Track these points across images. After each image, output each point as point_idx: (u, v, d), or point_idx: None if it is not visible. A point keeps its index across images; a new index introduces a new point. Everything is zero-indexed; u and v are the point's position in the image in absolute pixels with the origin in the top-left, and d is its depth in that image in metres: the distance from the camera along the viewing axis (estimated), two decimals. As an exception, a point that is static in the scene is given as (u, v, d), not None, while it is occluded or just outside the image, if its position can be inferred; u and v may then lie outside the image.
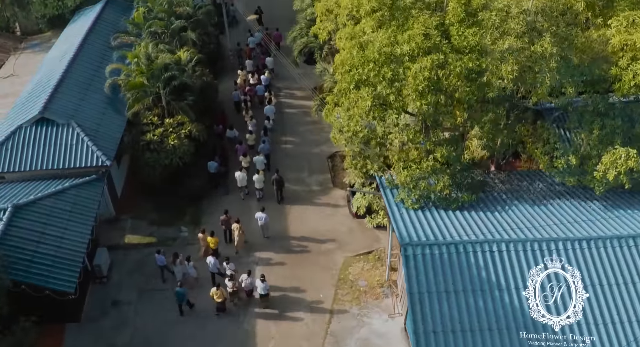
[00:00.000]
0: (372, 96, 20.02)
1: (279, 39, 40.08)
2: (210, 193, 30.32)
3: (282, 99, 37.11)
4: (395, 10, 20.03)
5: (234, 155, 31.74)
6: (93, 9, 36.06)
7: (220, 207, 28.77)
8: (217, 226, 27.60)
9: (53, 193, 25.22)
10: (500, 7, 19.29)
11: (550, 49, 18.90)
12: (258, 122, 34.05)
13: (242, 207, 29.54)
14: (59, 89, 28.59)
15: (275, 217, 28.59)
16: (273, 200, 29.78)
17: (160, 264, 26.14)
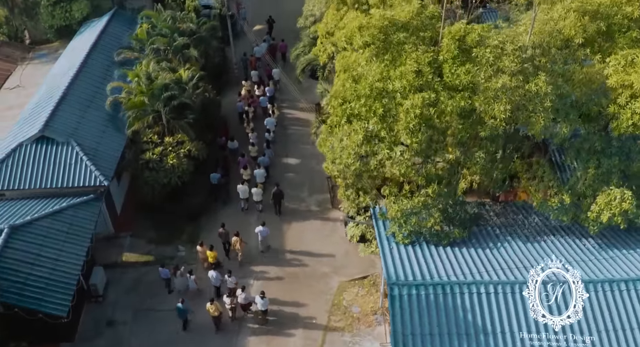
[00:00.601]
0: (364, 130, 19.90)
1: (285, 49, 40.14)
2: (210, 207, 30.46)
3: (286, 112, 36.99)
4: (388, 44, 19.78)
5: (236, 167, 31.96)
6: (100, 21, 36.21)
7: (220, 221, 28.80)
8: (216, 240, 27.71)
9: (50, 214, 25.37)
10: (495, 44, 18.96)
11: (545, 88, 18.55)
12: (259, 134, 34.20)
13: (242, 219, 29.77)
14: (60, 106, 28.76)
15: (273, 232, 28.69)
16: (272, 213, 30.01)
17: (164, 277, 26.60)
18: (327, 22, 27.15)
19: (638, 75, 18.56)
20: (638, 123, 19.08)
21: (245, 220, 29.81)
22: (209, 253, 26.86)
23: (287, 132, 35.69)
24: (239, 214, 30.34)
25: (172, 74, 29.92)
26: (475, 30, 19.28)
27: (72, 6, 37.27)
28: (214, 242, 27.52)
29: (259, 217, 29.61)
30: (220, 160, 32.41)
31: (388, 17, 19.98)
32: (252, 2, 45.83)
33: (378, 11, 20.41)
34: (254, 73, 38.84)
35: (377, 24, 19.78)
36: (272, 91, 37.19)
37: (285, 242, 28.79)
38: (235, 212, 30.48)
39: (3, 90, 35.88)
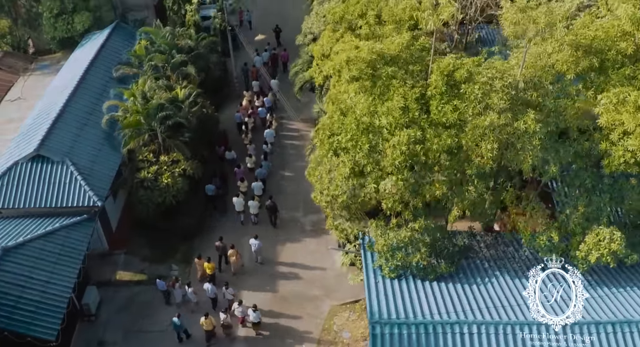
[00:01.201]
0: (352, 163, 19.74)
1: (286, 59, 40.15)
2: (205, 223, 30.66)
3: (285, 125, 36.92)
4: (376, 78, 19.58)
5: (234, 178, 32.17)
6: (101, 33, 36.23)
7: (216, 233, 29.41)
8: (213, 252, 28.07)
9: (42, 235, 25.48)
10: (483, 80, 18.68)
11: (534, 126, 18.27)
12: (257, 146, 34.35)
13: (238, 231, 30.11)
14: (57, 124, 28.82)
15: (267, 246, 29.08)
16: (268, 225, 30.38)
17: (161, 289, 26.95)
18: (323, 44, 26.91)
19: (629, 115, 18.24)
20: (630, 161, 18.76)
21: (241, 232, 30.13)
22: (206, 265, 27.29)
23: (285, 148, 35.64)
24: (235, 226, 30.62)
25: (169, 93, 29.90)
26: (464, 66, 19.02)
27: (74, 18, 37.30)
28: (211, 254, 27.86)
29: (251, 229, 29.90)
30: (218, 171, 32.63)
31: (377, 50, 19.78)
32: (257, 9, 45.72)
33: (367, 44, 20.18)
34: (255, 83, 38.99)
35: (365, 57, 19.60)
36: (270, 102, 37.26)
37: (279, 257, 29.08)
38: (231, 223, 30.82)
39: (4, 102, 36.04)
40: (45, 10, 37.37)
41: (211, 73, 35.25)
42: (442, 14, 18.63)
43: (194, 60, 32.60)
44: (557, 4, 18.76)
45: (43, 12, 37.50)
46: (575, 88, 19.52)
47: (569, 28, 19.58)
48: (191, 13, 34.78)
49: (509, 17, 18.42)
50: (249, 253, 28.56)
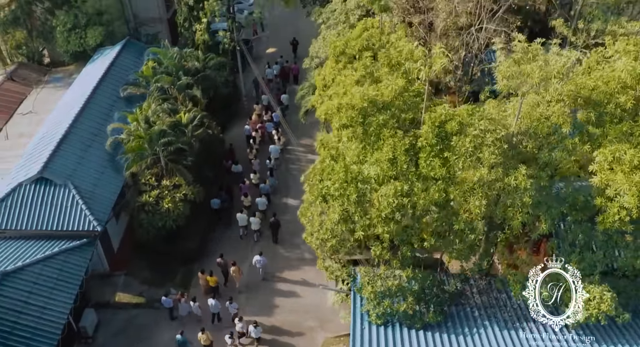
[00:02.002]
0: (341, 210, 19.59)
1: (297, 72, 40.28)
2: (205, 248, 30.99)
3: (292, 143, 37.03)
4: (367, 126, 19.35)
5: (239, 192, 32.74)
6: (112, 49, 36.43)
7: (220, 248, 30.33)
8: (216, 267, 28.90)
9: (42, 259, 25.78)
10: (475, 133, 18.32)
11: (525, 183, 17.90)
12: (262, 161, 34.92)
13: (241, 245, 31.13)
14: (61, 146, 29.07)
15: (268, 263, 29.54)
16: (270, 240, 31.17)
17: (167, 306, 27.68)
18: (325, 74, 26.72)
19: (624, 175, 17.76)
20: (625, 219, 18.27)
21: (243, 246, 31.14)
22: (209, 278, 28.02)
23: (292, 163, 35.78)
24: (238, 241, 31.43)
25: (173, 116, 30.01)
26: (455, 118, 18.67)
27: (87, 33, 37.56)
28: (214, 268, 28.82)
29: (254, 245, 30.85)
30: (225, 185, 33.22)
31: (369, 96, 19.53)
32: (270, 22, 45.69)
33: (360, 89, 19.94)
34: (265, 97, 39.25)
35: (357, 104, 19.36)
36: (278, 117, 37.48)
37: (280, 274, 29.72)
38: (235, 237, 31.57)
39: (16, 115, 36.50)
40: (58, 24, 37.72)
41: (219, 91, 35.28)
42: (434, 66, 18.28)
43: (201, 81, 32.65)
44: (554, 57, 18.26)
45: (57, 26, 37.81)
46: (571, 141, 19.03)
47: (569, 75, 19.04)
48: (200, 32, 34.75)
49: (502, 71, 18.01)
50: (252, 268, 29.36)
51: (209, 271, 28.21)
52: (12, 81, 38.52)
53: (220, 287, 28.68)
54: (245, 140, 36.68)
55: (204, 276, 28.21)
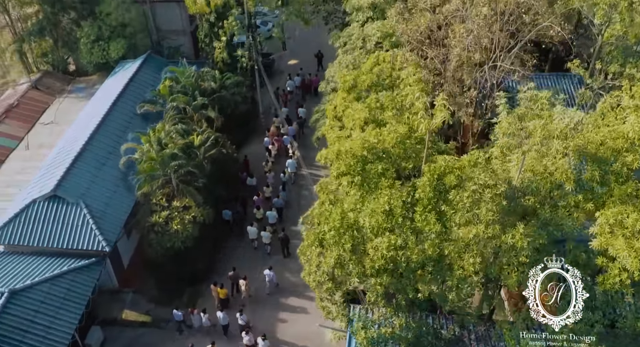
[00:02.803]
0: (336, 256, 19.54)
1: (317, 84, 40.39)
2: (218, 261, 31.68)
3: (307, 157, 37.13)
4: (366, 174, 19.21)
5: (252, 204, 33.38)
6: (133, 63, 36.91)
7: (231, 259, 31.28)
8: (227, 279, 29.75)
9: (50, 278, 26.29)
10: (474, 188, 18.02)
11: (522, 242, 17.56)
12: (277, 175, 35.45)
13: (252, 257, 31.78)
14: (76, 164, 29.66)
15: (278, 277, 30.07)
16: (280, 254, 31.77)
17: (177, 319, 28.33)
18: (337, 105, 26.61)
19: (624, 240, 17.28)
20: (626, 282, 17.82)
21: (254, 258, 31.78)
22: (220, 291, 28.76)
23: (306, 178, 35.86)
24: (250, 252, 32.01)
25: (186, 138, 30.26)
26: (455, 172, 18.40)
27: (110, 45, 38.07)
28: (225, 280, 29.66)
29: (265, 258, 31.46)
30: (240, 196, 33.83)
31: (370, 144, 19.39)
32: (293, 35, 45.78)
33: (361, 135, 19.79)
34: (284, 110, 39.54)
35: (356, 152, 19.24)
36: (294, 131, 38.00)
37: (288, 288, 30.17)
38: (246, 249, 32.14)
39: (38, 124, 37.25)
40: (82, 35, 38.27)
41: (237, 108, 35.46)
42: (435, 119, 18.03)
43: (218, 101, 32.87)
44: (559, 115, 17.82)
45: (81, 37, 38.36)
46: (574, 198, 18.59)
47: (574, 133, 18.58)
48: (219, 50, 34.89)
49: (503, 128, 17.67)
50: (261, 281, 29.97)
51: (220, 284, 28.90)
52: (36, 90, 39.30)
53: (230, 299, 29.39)
54: (265, 152, 37.25)
55: (215, 287, 28.87)
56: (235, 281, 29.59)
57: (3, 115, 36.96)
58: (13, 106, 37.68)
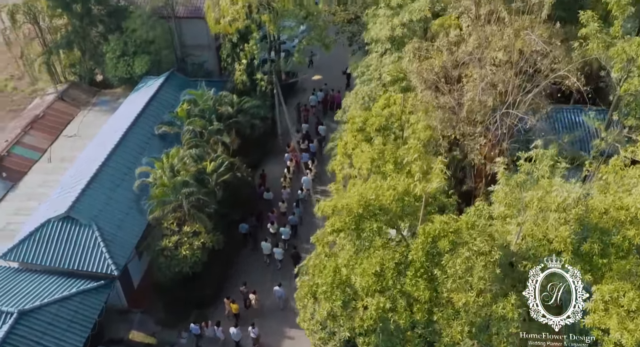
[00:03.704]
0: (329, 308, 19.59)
1: (340, 100, 40.44)
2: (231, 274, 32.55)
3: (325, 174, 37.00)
4: (361, 231, 19.12)
5: (268, 219, 34.08)
6: (155, 81, 37.37)
7: (244, 272, 32.28)
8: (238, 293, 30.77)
9: (59, 299, 26.86)
10: (467, 255, 17.77)
11: (512, 313, 17.28)
12: (292, 191, 36.01)
13: (263, 272, 32.63)
14: (92, 184, 30.22)
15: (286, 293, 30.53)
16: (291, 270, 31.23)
17: (195, 333, 29.24)
18: (347, 142, 26.57)
19: (618, 319, 16.85)
20: (622, 357, 17.41)
21: (266, 272, 32.70)
22: (232, 305, 29.78)
23: (324, 195, 35.96)
24: (262, 266, 32.91)
25: (200, 163, 30.57)
26: (449, 235, 18.14)
27: (135, 61, 38.60)
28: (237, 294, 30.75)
29: (276, 273, 32.30)
30: (256, 211, 34.56)
31: (367, 200, 19.24)
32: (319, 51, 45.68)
33: (358, 190, 19.68)
34: (305, 126, 39.91)
35: (353, 208, 19.13)
36: (315, 148, 38.46)
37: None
38: (259, 263, 32.97)
39: (61, 137, 38.06)
40: (108, 50, 38.88)
41: (254, 131, 35.67)
42: (432, 184, 17.82)
43: (235, 125, 33.15)
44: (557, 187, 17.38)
45: (106, 52, 38.98)
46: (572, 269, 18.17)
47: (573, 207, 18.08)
48: (240, 72, 35.08)
49: (499, 197, 17.38)
50: (271, 296, 30.80)
51: (232, 299, 29.81)
52: (62, 101, 40.14)
53: (241, 313, 30.12)
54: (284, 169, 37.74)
55: (228, 301, 29.84)
56: (246, 296, 30.34)
57: (29, 127, 37.88)
58: (39, 117, 38.58)
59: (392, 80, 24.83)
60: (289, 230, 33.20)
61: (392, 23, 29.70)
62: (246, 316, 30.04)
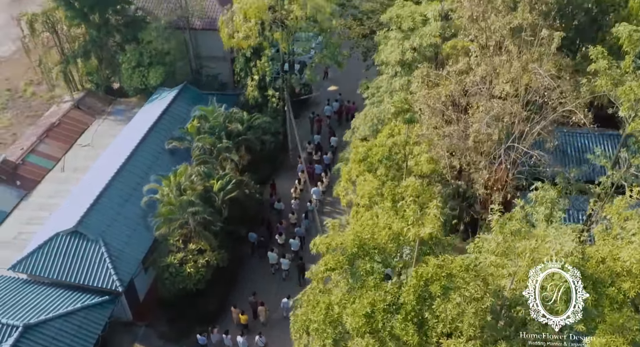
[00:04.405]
0: (320, 345, 19.70)
1: (354, 111, 40.49)
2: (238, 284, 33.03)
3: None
4: (354, 270, 19.15)
5: (277, 230, 34.74)
6: (169, 93, 37.71)
7: (252, 281, 32.81)
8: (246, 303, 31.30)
9: (63, 314, 27.35)
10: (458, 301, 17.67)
11: (502, 362, 17.23)
12: (302, 203, 36.30)
13: (270, 281, 33.13)
14: (101, 199, 30.67)
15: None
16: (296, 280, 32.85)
17: (201, 343, 29.72)
18: (351, 170, 26.59)
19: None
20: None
21: (272, 283, 33.11)
22: (241, 316, 30.31)
23: (333, 205, 36.30)
24: (270, 276, 33.41)
25: (207, 181, 30.82)
26: (442, 279, 18.10)
27: (150, 72, 38.93)
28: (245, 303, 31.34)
29: (280, 282, 32.95)
30: (266, 220, 35.19)
31: (362, 239, 19.27)
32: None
33: (354, 228, 19.73)
34: (317, 137, 40.36)
35: (347, 247, 19.19)
36: (328, 160, 38.68)
37: None
38: (266, 272, 33.47)
39: (75, 146, 38.58)
40: (124, 61, 39.28)
41: (265, 146, 35.85)
42: (425, 229, 17.75)
43: (244, 142, 33.34)
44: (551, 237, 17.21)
45: (122, 62, 39.39)
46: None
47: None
48: (251, 88, 35.21)
49: (491, 248, 17.26)
50: (277, 307, 31.23)
51: (240, 309, 30.26)
52: (78, 109, 40.69)
53: (250, 323, 30.68)
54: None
55: (236, 310, 30.35)
56: (255, 306, 30.78)
57: (44, 135, 38.49)
58: (54, 125, 39.17)
59: (397, 112, 24.73)
60: (297, 242, 33.76)
61: (403, 46, 29.60)
62: (254, 325, 30.81)
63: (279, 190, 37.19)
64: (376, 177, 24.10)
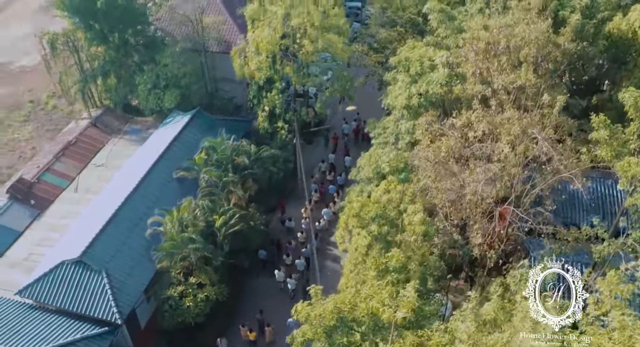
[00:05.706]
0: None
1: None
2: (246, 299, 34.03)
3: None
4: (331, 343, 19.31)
5: (285, 249, 35.51)
6: (183, 117, 38.12)
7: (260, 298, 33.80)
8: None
9: (63, 345, 28.20)
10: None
11: None
12: (313, 221, 36.48)
13: (275, 299, 33.90)
14: (107, 229, 31.30)
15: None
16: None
17: None
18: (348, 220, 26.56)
19: None
20: None
21: (278, 300, 33.73)
22: (249, 334, 31.59)
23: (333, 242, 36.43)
24: (277, 293, 34.34)
25: (211, 216, 31.19)
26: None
27: (165, 94, 39.37)
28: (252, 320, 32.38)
29: (285, 300, 33.07)
30: (275, 238, 36.10)
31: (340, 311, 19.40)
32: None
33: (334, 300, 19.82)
34: (332, 156, 40.85)
35: (326, 319, 19.33)
36: (342, 180, 38.97)
37: None
38: (273, 289, 34.40)
39: (90, 165, 39.28)
40: (141, 82, 39.77)
41: (273, 177, 36.10)
42: (402, 309, 17.74)
43: (250, 176, 33.61)
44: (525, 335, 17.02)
45: (139, 84, 39.88)
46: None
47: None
48: (262, 119, 35.37)
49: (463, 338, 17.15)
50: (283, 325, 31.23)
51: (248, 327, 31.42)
52: (95, 127, 41.42)
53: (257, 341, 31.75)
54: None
55: (244, 329, 31.45)
56: (262, 324, 31.73)
57: (60, 153, 39.31)
58: (71, 144, 39.96)
59: (392, 171, 24.59)
60: (303, 262, 34.40)
61: (410, 91, 29.31)
62: (261, 342, 31.93)
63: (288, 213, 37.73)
64: (369, 233, 24.05)
